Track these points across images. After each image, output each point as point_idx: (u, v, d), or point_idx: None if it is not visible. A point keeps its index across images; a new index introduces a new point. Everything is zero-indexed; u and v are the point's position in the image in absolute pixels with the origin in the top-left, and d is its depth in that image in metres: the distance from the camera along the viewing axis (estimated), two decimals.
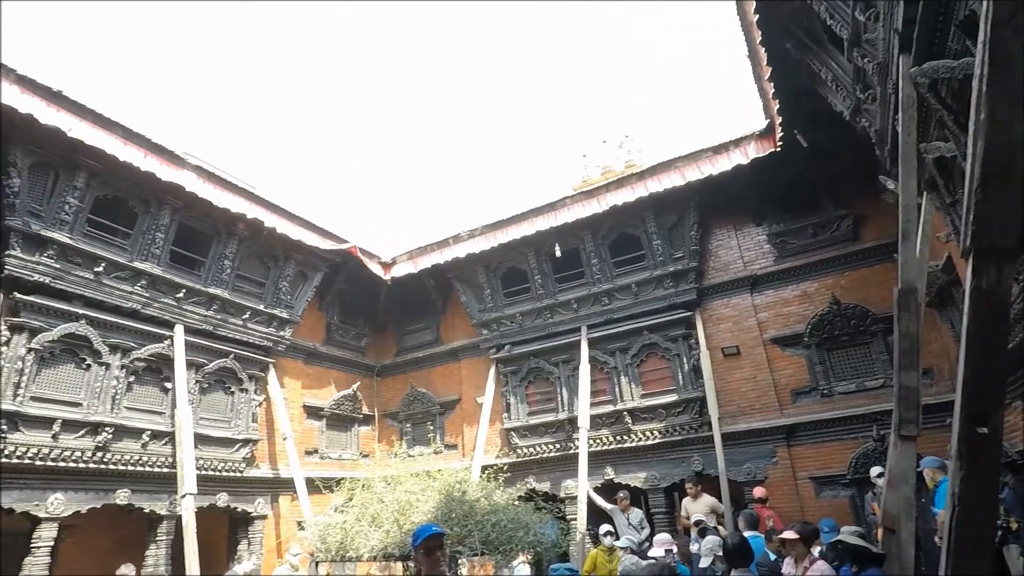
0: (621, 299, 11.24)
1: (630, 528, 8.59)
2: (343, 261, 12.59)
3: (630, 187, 10.53)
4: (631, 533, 8.27)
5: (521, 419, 11.81)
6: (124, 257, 9.11)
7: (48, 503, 7.82)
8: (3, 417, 7.46)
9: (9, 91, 7.29)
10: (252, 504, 10.47)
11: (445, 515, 6.39)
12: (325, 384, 13.02)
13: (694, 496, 8.75)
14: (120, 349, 8.99)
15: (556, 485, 11.02)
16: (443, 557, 3.09)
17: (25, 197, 7.97)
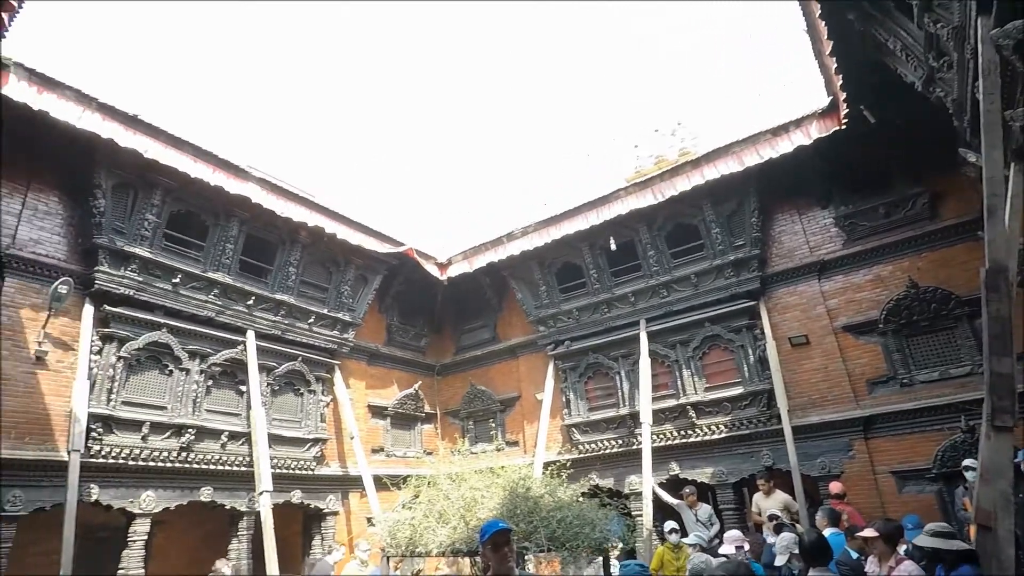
0: (680, 291, 10.98)
1: (698, 524, 8.40)
2: (400, 263, 12.86)
3: (685, 175, 10.25)
4: (699, 529, 8.08)
5: (582, 415, 11.74)
6: (198, 268, 9.61)
7: (141, 500, 8.36)
8: (99, 420, 8.02)
9: (91, 119, 7.82)
10: (324, 501, 10.86)
11: (510, 511, 6.42)
12: (388, 384, 13.34)
13: (766, 492, 8.46)
14: (198, 355, 9.49)
15: (620, 481, 10.90)
16: (510, 553, 3.10)
17: (109, 216, 8.54)
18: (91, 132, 7.82)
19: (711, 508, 8.96)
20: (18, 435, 7.45)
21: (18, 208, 8.13)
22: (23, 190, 8.24)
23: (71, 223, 8.61)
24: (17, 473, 7.27)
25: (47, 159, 8.35)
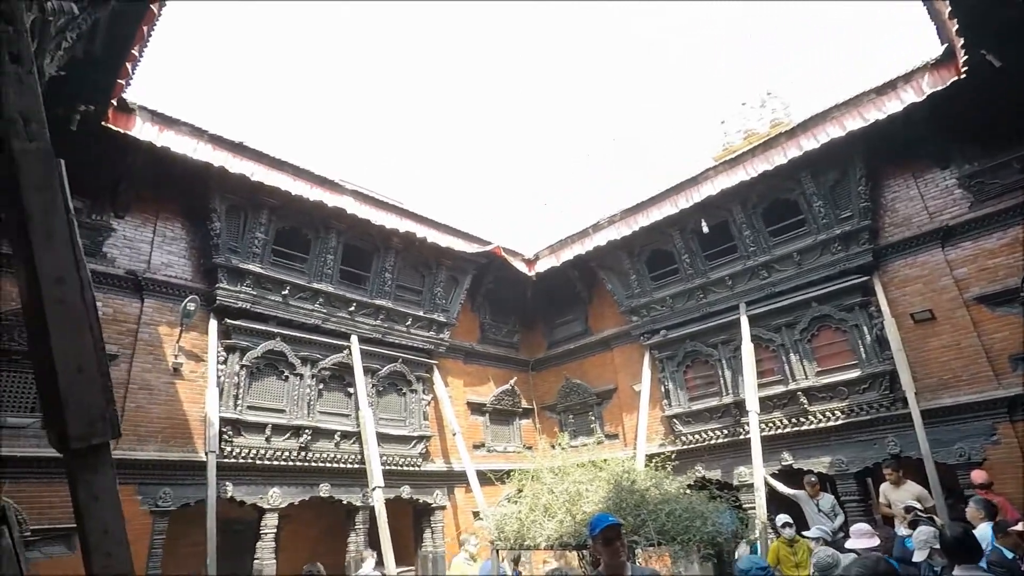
0: (782, 270, 10.39)
1: (821, 515, 7.90)
2: (489, 262, 13.07)
3: (779, 148, 9.67)
4: (822, 521, 7.61)
5: (683, 405, 11.41)
6: (303, 279, 10.25)
7: (269, 496, 9.06)
8: (228, 424, 8.77)
9: (204, 149, 8.56)
10: (431, 496, 11.27)
11: (616, 505, 6.34)
12: (484, 381, 13.61)
13: (894, 482, 7.81)
14: (309, 360, 10.13)
15: (728, 472, 10.48)
16: (622, 548, 3.08)
17: (225, 237, 9.30)
18: (205, 162, 8.56)
19: (834, 498, 8.39)
20: (164, 439, 8.30)
21: (150, 236, 9.06)
22: (153, 220, 9.17)
23: (193, 246, 9.47)
24: (165, 473, 8.12)
25: (170, 190, 9.22)
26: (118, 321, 8.34)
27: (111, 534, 1.62)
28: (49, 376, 1.67)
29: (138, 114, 7.98)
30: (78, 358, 1.71)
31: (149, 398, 8.34)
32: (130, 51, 6.67)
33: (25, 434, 7.13)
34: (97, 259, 8.32)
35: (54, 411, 1.66)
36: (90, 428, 1.68)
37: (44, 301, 1.69)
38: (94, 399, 1.72)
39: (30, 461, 6.91)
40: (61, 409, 1.65)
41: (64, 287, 1.72)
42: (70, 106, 6.93)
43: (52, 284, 1.71)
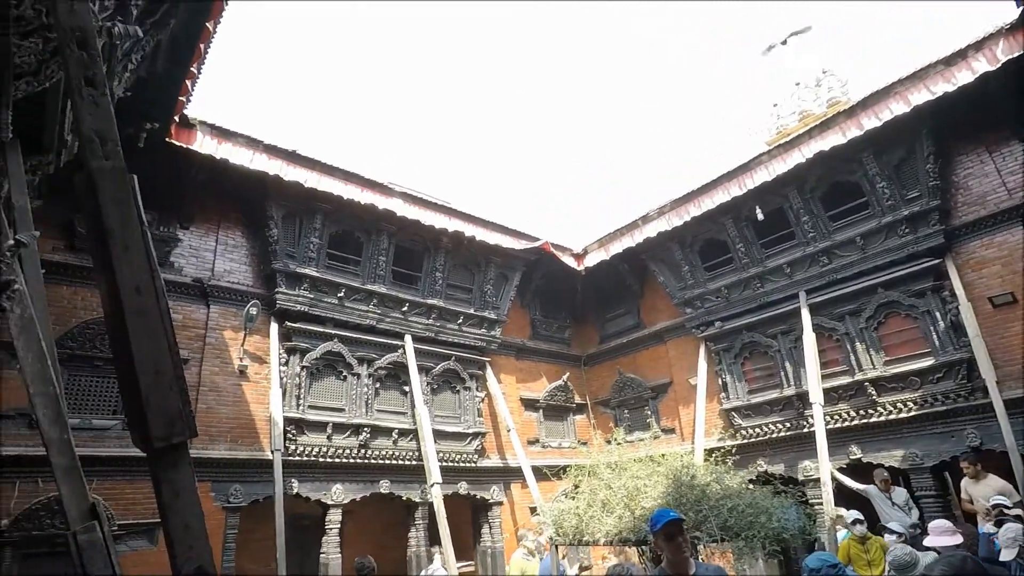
0: (844, 256, 9.95)
1: (895, 509, 7.52)
2: (537, 258, 13.06)
3: (838, 128, 9.25)
4: (897, 516, 7.23)
5: (741, 398, 11.10)
6: (357, 281, 10.51)
7: (332, 492, 9.35)
8: (292, 423, 9.10)
9: (260, 159, 8.88)
10: (488, 491, 11.37)
11: (676, 500, 6.24)
12: (537, 377, 13.63)
13: (973, 476, 7.36)
14: (365, 360, 10.39)
15: (792, 467, 10.13)
16: (685, 544, 3.02)
17: (282, 243, 9.64)
18: (261, 171, 8.89)
19: (907, 492, 7.98)
20: (232, 438, 8.70)
21: (213, 245, 9.49)
22: (215, 229, 9.59)
23: (253, 252, 9.86)
24: (235, 471, 8.50)
25: (229, 199, 9.64)
26: (187, 327, 8.77)
27: (192, 528, 1.70)
28: (131, 380, 1.77)
29: (198, 128, 8.36)
30: (156, 362, 1.81)
31: (218, 399, 8.75)
32: (189, 69, 6.99)
33: (109, 435, 7.61)
34: (166, 268, 8.77)
35: (137, 413, 1.76)
36: (169, 428, 1.78)
37: (124, 309, 1.79)
38: (172, 401, 1.81)
39: (115, 460, 7.36)
40: (143, 411, 1.75)
41: (141, 296, 1.82)
42: (137, 125, 7.33)
43: (131, 293, 1.81)
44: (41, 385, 2.96)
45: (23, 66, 3.74)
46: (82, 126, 2.01)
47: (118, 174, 1.94)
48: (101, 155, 1.95)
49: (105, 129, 2.00)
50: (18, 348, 3.04)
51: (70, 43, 2.12)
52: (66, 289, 7.85)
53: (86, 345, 7.73)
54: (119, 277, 1.79)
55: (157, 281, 1.87)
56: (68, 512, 2.55)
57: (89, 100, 2.04)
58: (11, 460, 6.69)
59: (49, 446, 2.79)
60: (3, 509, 6.68)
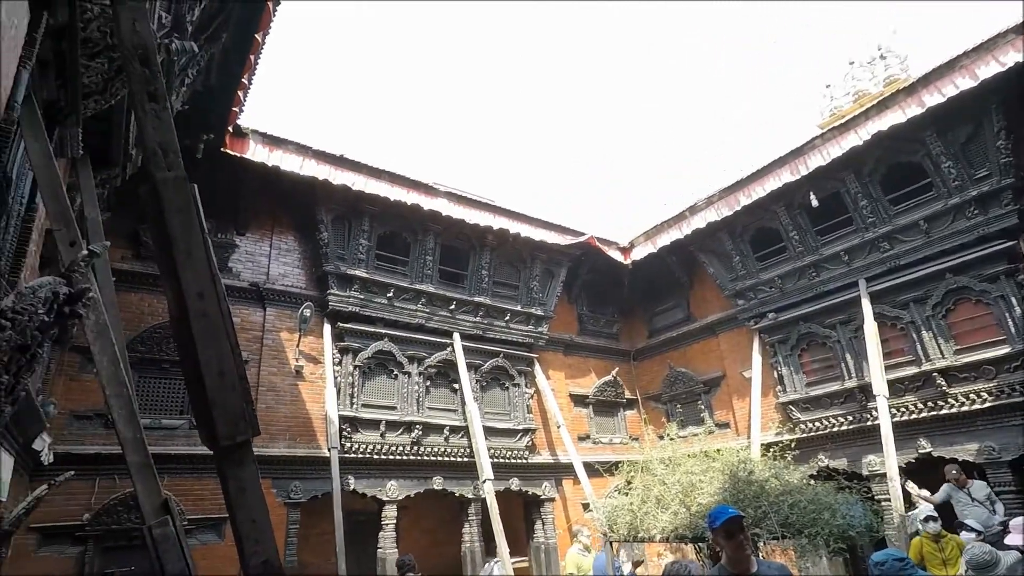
0: (906, 241, 9.47)
1: (975, 505, 7.10)
2: (583, 253, 12.96)
3: (897, 107, 8.80)
4: (979, 511, 6.82)
5: (799, 391, 10.73)
6: (406, 281, 10.68)
7: (387, 489, 9.55)
8: (347, 421, 9.33)
9: (309, 165, 9.13)
10: (540, 487, 11.38)
11: (733, 496, 6.09)
12: (585, 373, 13.54)
13: None
14: (415, 359, 10.55)
15: (855, 462, 9.73)
16: (746, 541, 2.95)
17: (332, 246, 9.89)
18: (311, 176, 9.14)
19: (987, 485, 7.49)
20: (291, 436, 8.99)
21: (267, 250, 9.83)
22: (269, 235, 9.93)
23: (305, 255, 10.16)
24: (294, 468, 8.79)
25: (281, 205, 9.95)
26: (245, 329, 9.11)
27: (258, 523, 1.77)
28: (197, 381, 1.84)
29: (251, 137, 8.66)
30: (220, 364, 1.88)
31: (276, 399, 9.06)
32: (240, 80, 7.25)
33: (177, 434, 7.99)
34: (224, 274, 9.12)
35: (203, 413, 1.84)
36: (234, 427, 1.85)
37: (188, 313, 1.87)
38: (235, 401, 1.88)
39: (183, 458, 7.73)
40: (208, 410, 1.82)
41: (204, 300, 1.89)
42: (195, 136, 7.65)
43: (194, 298, 1.89)
44: (115, 387, 3.13)
45: (91, 85, 3.95)
46: (146, 139, 2.11)
47: (180, 184, 2.02)
48: (164, 166, 2.04)
49: (167, 141, 2.09)
50: (94, 352, 3.22)
51: (133, 60, 2.23)
52: (134, 296, 8.27)
53: (154, 349, 8.14)
54: (183, 282, 1.87)
55: (218, 285, 1.94)
56: (143, 507, 2.69)
57: (152, 114, 2.13)
58: (90, 458, 7.12)
59: (124, 444, 2.95)
60: (85, 504, 7.11)
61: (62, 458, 6.58)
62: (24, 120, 3.24)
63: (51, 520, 6.81)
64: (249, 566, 1.73)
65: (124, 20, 2.27)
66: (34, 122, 3.33)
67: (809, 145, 9.84)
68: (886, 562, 3.55)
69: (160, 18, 4.59)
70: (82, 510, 7.08)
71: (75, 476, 6.30)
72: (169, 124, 2.12)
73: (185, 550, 2.49)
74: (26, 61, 2.91)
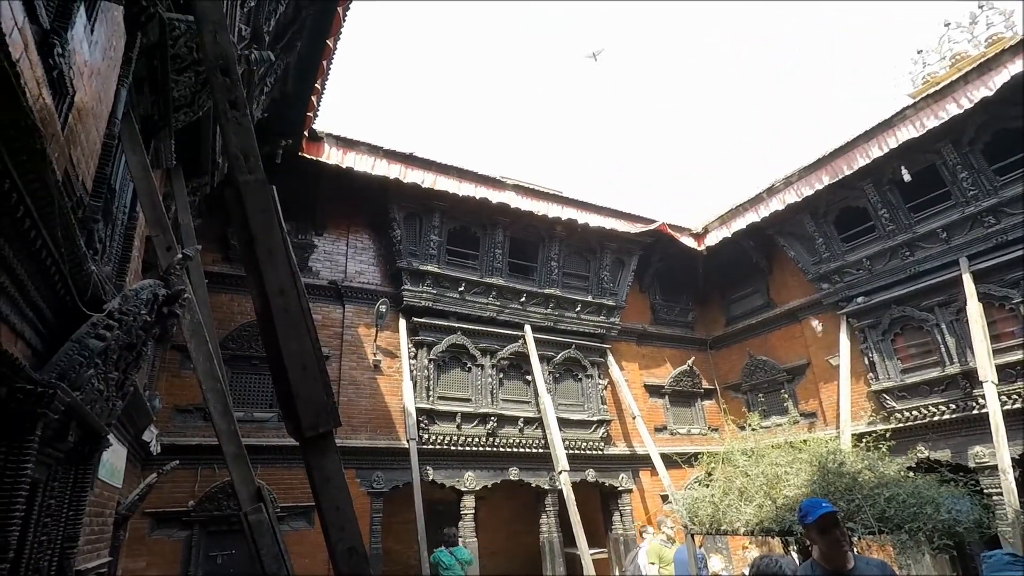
0: (1015, 214, 8.65)
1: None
2: (655, 241, 12.65)
3: (1002, 68, 8.03)
4: None
5: (893, 378, 10.04)
6: (476, 275, 10.81)
7: (464, 479, 9.74)
8: (423, 414, 9.58)
9: (381, 164, 9.39)
10: (616, 479, 11.26)
11: (823, 489, 5.77)
12: (660, 363, 13.25)
13: None
14: (488, 352, 10.67)
15: (960, 453, 9.01)
16: (842, 536, 2.79)
17: (405, 242, 10.15)
18: (382, 176, 9.41)
19: None
20: (371, 428, 9.33)
21: (344, 249, 10.21)
22: (345, 234, 10.31)
23: (379, 253, 10.48)
24: (376, 459, 9.12)
25: (356, 205, 10.29)
26: (326, 326, 9.51)
27: (343, 511, 1.83)
28: (282, 375, 1.93)
29: (325, 141, 9.00)
30: (302, 358, 1.96)
31: (356, 392, 9.42)
32: (314, 85, 7.54)
33: (268, 426, 8.47)
34: (305, 273, 9.56)
35: (288, 405, 1.92)
36: (317, 419, 1.92)
37: (272, 309, 1.96)
38: (317, 394, 1.95)
39: (273, 449, 8.18)
40: (293, 403, 1.90)
41: (285, 296, 1.98)
42: (274, 143, 8.04)
43: (276, 295, 1.98)
44: (211, 382, 3.34)
45: (180, 99, 4.22)
46: (228, 145, 2.22)
47: (261, 186, 2.12)
48: (246, 170, 2.15)
49: (248, 146, 2.20)
50: (190, 349, 3.46)
51: (215, 71, 2.35)
52: (224, 296, 8.82)
53: (244, 346, 8.65)
54: (265, 280, 1.96)
55: (298, 283, 2.02)
56: (239, 494, 2.86)
57: (233, 121, 2.25)
58: (192, 448, 7.67)
59: (220, 436, 3.14)
60: (189, 492, 7.67)
61: (168, 449, 7.15)
62: (124, 135, 3.50)
63: (161, 506, 7.41)
64: (336, 552, 1.80)
65: (206, 33, 2.40)
66: (132, 136, 3.60)
67: (900, 116, 9.14)
68: (996, 555, 3.31)
69: (240, 30, 4.84)
70: (187, 497, 7.64)
71: (179, 465, 6.82)
72: (249, 130, 2.22)
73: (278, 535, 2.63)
74: (124, 79, 3.14)
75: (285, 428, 2.04)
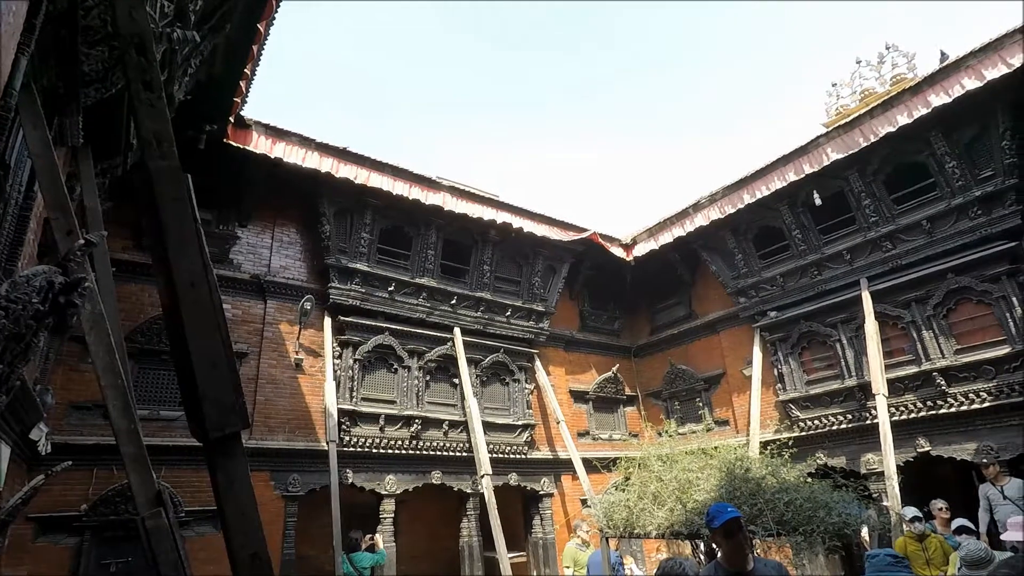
0: (909, 241, 9.44)
1: (1006, 503, 7.03)
2: (585, 249, 12.91)
3: (903, 106, 8.76)
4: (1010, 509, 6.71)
5: (799, 389, 10.72)
6: (407, 275, 10.66)
7: (385, 482, 9.57)
8: (346, 415, 9.34)
9: (312, 157, 9.11)
10: (538, 483, 11.40)
11: (730, 493, 6.08)
12: (586, 369, 13.53)
13: None
14: (416, 353, 10.55)
15: (853, 460, 9.74)
16: (744, 539, 2.95)
17: (334, 239, 9.88)
18: (313, 169, 9.12)
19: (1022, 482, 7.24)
20: (290, 429, 9.01)
21: (269, 242, 9.83)
22: (271, 227, 9.92)
23: (307, 248, 10.15)
24: (293, 461, 8.81)
25: (284, 198, 9.92)
26: (246, 321, 9.12)
27: (247, 515, 1.76)
28: (187, 372, 1.83)
29: (254, 129, 8.63)
30: (211, 355, 1.87)
31: (276, 392, 9.07)
32: (243, 71, 7.22)
33: (175, 426, 7.99)
34: (225, 265, 9.13)
35: (194, 404, 1.83)
36: (224, 419, 1.84)
37: (180, 304, 1.86)
38: (226, 392, 1.87)
39: (182, 450, 7.73)
40: (199, 402, 1.81)
41: (195, 289, 1.88)
42: (198, 127, 7.63)
43: (186, 287, 1.88)
44: (111, 377, 3.13)
45: (91, 74, 3.94)
46: (141, 128, 2.10)
47: (174, 173, 2.01)
48: (158, 155, 2.03)
49: (161, 130, 2.08)
50: (90, 342, 3.22)
51: (129, 49, 2.21)
52: (134, 286, 8.27)
53: (153, 340, 8.14)
54: (175, 271, 1.86)
55: (210, 276, 1.93)
56: (137, 498, 2.69)
57: (147, 103, 2.12)
58: (89, 448, 7.13)
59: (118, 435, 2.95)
60: (83, 495, 7.13)
61: (60, 448, 6.61)
62: (23, 107, 3.23)
63: (49, 510, 6.83)
64: (238, 559, 1.72)
65: (120, 7, 2.25)
66: (33, 109, 3.32)
67: (814, 144, 9.79)
68: (878, 555, 3.59)
69: (162, 7, 4.57)
70: (80, 500, 7.09)
71: (73, 466, 6.30)
72: (164, 113, 2.11)
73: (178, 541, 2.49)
74: (25, 47, 2.90)
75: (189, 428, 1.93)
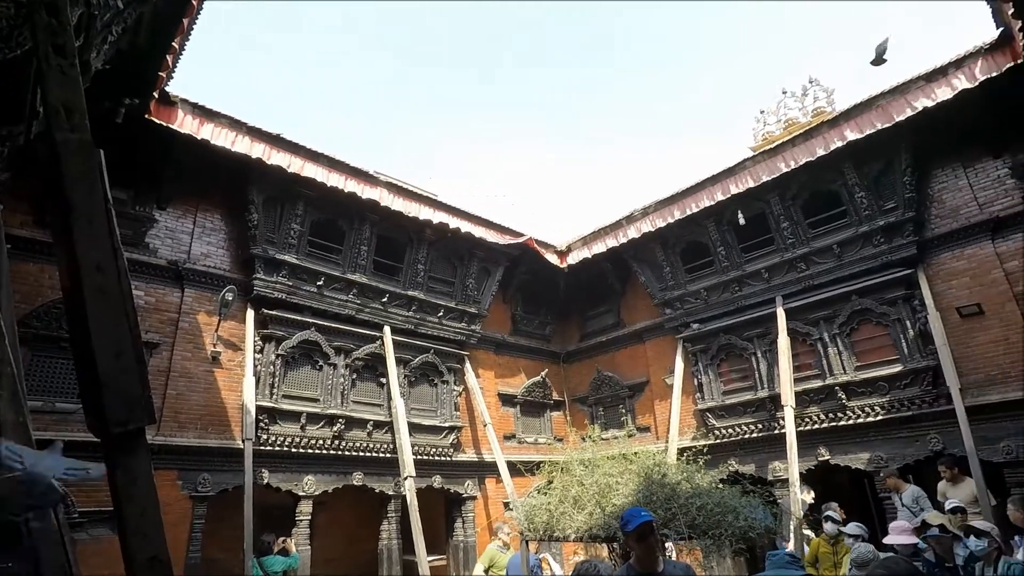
0: (821, 263, 10.10)
1: (902, 509, 7.58)
2: (521, 254, 13.02)
3: (821, 138, 9.37)
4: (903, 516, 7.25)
5: (716, 399, 11.23)
6: (338, 270, 10.38)
7: (303, 483, 9.25)
8: (265, 412, 8.97)
9: (243, 142, 8.71)
10: (462, 486, 11.35)
11: (646, 498, 6.28)
12: (515, 373, 13.62)
13: (951, 479, 7.49)
14: (343, 351, 10.27)
15: (762, 467, 10.29)
16: (657, 543, 3.05)
17: (262, 228, 9.48)
18: (243, 154, 8.71)
19: (919, 490, 7.78)
20: (203, 426, 8.55)
21: (190, 227, 9.30)
22: (193, 211, 9.40)
23: (232, 237, 9.68)
24: (204, 459, 8.35)
25: (210, 182, 9.41)
26: (159, 310, 8.59)
27: (147, 516, 1.66)
28: (88, 362, 1.71)
29: (180, 107, 8.16)
30: (116, 345, 1.75)
31: (189, 386, 8.59)
32: (171, 44, 6.82)
33: (73, 419, 7.40)
34: (139, 249, 8.57)
35: (93, 397, 1.70)
36: (128, 414, 1.72)
37: (84, 288, 1.73)
38: (131, 385, 1.75)
39: (78, 445, 7.09)
40: (100, 395, 1.69)
41: (102, 274, 1.76)
42: (116, 100, 7.14)
43: (92, 272, 1.75)
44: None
45: None
46: (48, 96, 1.94)
47: (84, 147, 1.87)
48: (67, 127, 1.88)
49: (72, 100, 1.93)
50: None
51: (39, 9, 2.04)
52: (32, 266, 7.61)
53: (52, 325, 7.51)
54: (79, 253, 1.73)
55: (120, 260, 1.81)
56: None
57: (57, 69, 1.97)
58: None
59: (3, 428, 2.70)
60: None
61: None
62: None
63: None
64: (135, 562, 1.62)
65: None
66: None
67: (740, 166, 10.30)
68: (779, 554, 3.85)
69: None
70: None
71: None
72: (76, 81, 1.96)
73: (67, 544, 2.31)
74: None
75: (86, 423, 1.80)
